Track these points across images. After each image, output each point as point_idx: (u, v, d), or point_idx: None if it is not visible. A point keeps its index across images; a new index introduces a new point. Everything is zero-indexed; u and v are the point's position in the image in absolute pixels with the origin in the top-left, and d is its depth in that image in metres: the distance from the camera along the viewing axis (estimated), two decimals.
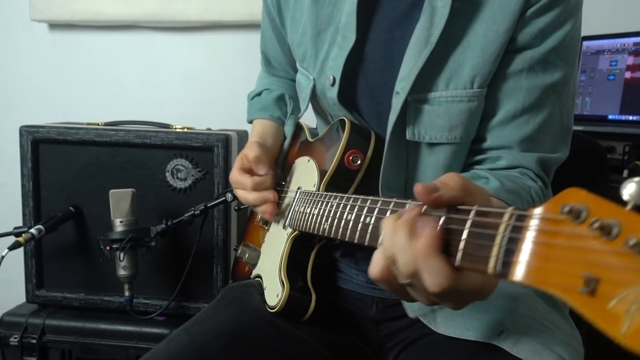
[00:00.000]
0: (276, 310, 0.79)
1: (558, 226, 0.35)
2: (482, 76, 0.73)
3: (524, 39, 0.72)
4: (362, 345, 0.86)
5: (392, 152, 0.77)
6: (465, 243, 0.42)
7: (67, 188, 1.40)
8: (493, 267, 0.39)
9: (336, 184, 0.79)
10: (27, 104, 1.99)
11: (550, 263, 0.34)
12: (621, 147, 1.33)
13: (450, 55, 0.73)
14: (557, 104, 0.75)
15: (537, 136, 0.74)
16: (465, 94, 0.73)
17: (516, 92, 0.74)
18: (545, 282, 0.34)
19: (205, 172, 1.37)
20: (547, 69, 0.73)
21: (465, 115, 0.73)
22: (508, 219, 0.39)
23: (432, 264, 0.44)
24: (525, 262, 0.36)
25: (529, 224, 0.37)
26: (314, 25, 0.84)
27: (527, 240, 0.37)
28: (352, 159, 0.79)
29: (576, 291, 0.32)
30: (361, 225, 0.59)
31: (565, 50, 0.74)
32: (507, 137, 0.75)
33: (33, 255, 1.41)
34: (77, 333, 1.36)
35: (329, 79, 0.82)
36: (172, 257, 1.39)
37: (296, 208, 0.82)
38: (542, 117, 0.74)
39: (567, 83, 0.76)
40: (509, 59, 0.73)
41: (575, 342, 0.71)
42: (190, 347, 0.75)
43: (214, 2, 1.81)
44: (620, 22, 1.48)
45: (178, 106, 1.93)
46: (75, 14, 1.87)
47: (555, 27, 0.72)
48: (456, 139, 0.74)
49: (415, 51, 0.73)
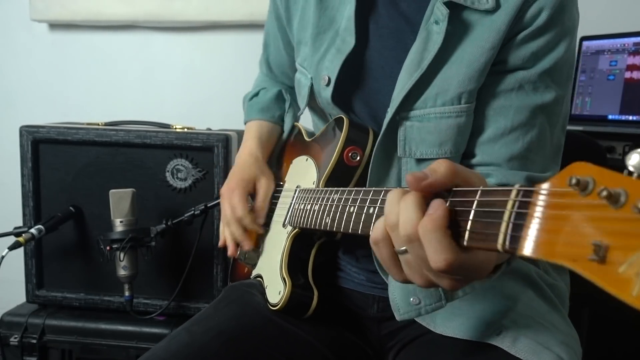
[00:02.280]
0: (278, 308, 0.79)
1: (565, 198, 0.35)
2: (469, 92, 0.73)
3: (515, 62, 0.72)
4: (362, 344, 0.86)
5: (379, 167, 0.78)
6: (473, 222, 0.43)
7: (67, 188, 1.40)
8: (502, 244, 0.39)
9: (336, 180, 0.80)
10: (27, 104, 1.99)
11: (558, 235, 0.35)
12: (621, 147, 1.33)
13: (438, 73, 0.74)
14: (547, 124, 0.75)
15: (527, 155, 0.74)
16: (454, 110, 0.73)
17: (506, 110, 0.73)
18: (554, 253, 0.35)
19: (205, 172, 1.37)
20: (537, 89, 0.73)
21: (454, 130, 0.73)
22: (515, 195, 0.40)
23: (439, 239, 0.44)
24: (534, 236, 0.37)
25: (537, 198, 0.37)
26: (316, 26, 0.85)
27: (535, 215, 0.37)
28: (351, 155, 0.79)
29: (585, 259, 0.32)
30: (364, 216, 0.59)
31: (558, 72, 0.74)
32: (496, 155, 0.74)
33: (33, 255, 1.41)
34: (77, 333, 1.36)
35: (324, 79, 0.83)
36: (172, 257, 1.39)
37: (296, 206, 0.83)
38: (531, 136, 0.74)
39: (559, 104, 0.76)
40: (500, 79, 0.73)
41: (573, 342, 0.71)
42: (190, 346, 0.75)
43: (213, 2, 1.81)
44: (620, 22, 1.48)
45: (178, 106, 1.93)
46: (75, 14, 1.87)
47: (548, 50, 0.72)
48: (446, 154, 0.74)
49: (406, 73, 0.74)
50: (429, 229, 0.45)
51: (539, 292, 0.76)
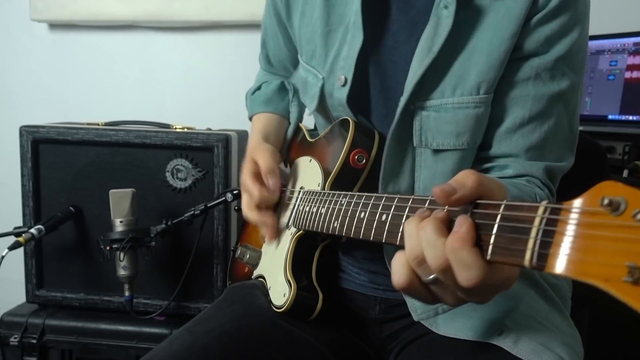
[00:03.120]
0: (283, 310, 0.78)
1: (597, 218, 0.35)
2: (488, 82, 0.72)
3: (530, 46, 0.72)
4: (364, 345, 0.86)
5: (393, 158, 0.76)
6: (496, 237, 0.43)
7: (67, 188, 1.40)
8: (529, 260, 0.39)
9: (341, 183, 0.79)
10: (27, 104, 1.99)
11: (590, 255, 0.35)
12: (621, 147, 1.33)
13: (454, 62, 0.73)
14: (564, 112, 0.75)
15: (544, 144, 0.74)
16: (472, 100, 0.73)
17: (523, 100, 0.73)
18: (586, 273, 0.35)
19: (205, 172, 1.37)
20: (554, 77, 0.72)
21: (472, 121, 0.73)
22: (542, 212, 0.40)
23: (465, 257, 0.44)
24: (565, 255, 0.37)
25: (567, 216, 0.38)
26: (325, 24, 0.83)
27: (566, 233, 0.37)
28: (357, 158, 0.79)
29: (619, 281, 0.32)
30: (377, 223, 0.59)
31: (573, 58, 0.73)
32: (514, 146, 0.74)
33: (33, 255, 1.41)
34: (77, 333, 1.36)
35: (340, 79, 0.81)
36: (172, 257, 1.39)
37: (300, 208, 0.82)
38: (549, 126, 0.73)
39: (575, 91, 0.75)
40: (516, 67, 0.73)
41: (575, 342, 0.71)
42: (192, 347, 0.75)
43: (213, 2, 1.81)
44: (620, 22, 1.48)
45: (178, 106, 1.93)
46: (75, 14, 1.87)
47: (562, 34, 0.71)
48: (463, 145, 0.74)
49: (418, 60, 0.73)
50: (457, 248, 0.44)
51: (541, 292, 0.76)
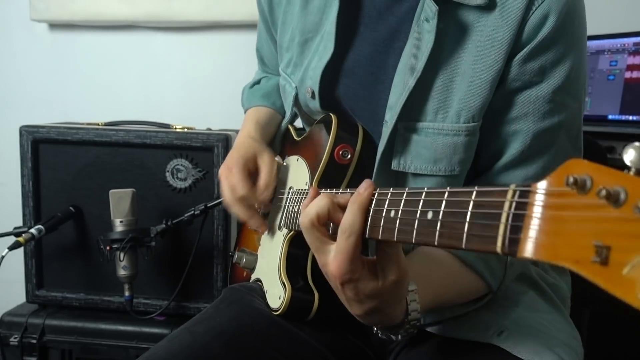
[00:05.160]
0: (280, 312, 0.78)
1: (563, 198, 0.34)
2: (469, 110, 0.69)
3: (524, 78, 0.68)
4: (363, 346, 0.86)
5: (380, 180, 0.75)
6: (469, 225, 0.42)
7: (67, 188, 1.40)
8: (501, 247, 0.38)
9: (328, 179, 0.78)
10: (27, 104, 1.99)
11: (559, 236, 0.34)
12: (621, 147, 1.33)
13: (437, 79, 0.70)
14: (566, 139, 0.71)
15: (544, 172, 0.72)
16: (451, 128, 0.70)
17: (523, 135, 0.70)
18: (556, 255, 0.34)
19: (205, 172, 1.37)
20: (554, 110, 0.68)
21: (449, 149, 0.70)
22: (512, 196, 0.39)
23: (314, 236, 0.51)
24: (534, 238, 0.36)
25: (534, 199, 0.37)
26: (302, 33, 0.82)
27: (533, 216, 0.36)
28: (342, 154, 0.78)
29: (588, 261, 0.31)
30: None
31: (573, 84, 0.69)
32: (513, 177, 0.71)
33: (33, 255, 1.41)
34: (77, 333, 1.36)
35: (308, 91, 0.80)
36: (172, 257, 1.39)
37: (290, 208, 0.81)
38: (550, 154, 0.71)
39: (577, 116, 0.72)
40: (513, 100, 0.69)
41: (575, 342, 0.71)
42: (191, 346, 0.75)
43: (214, 2, 1.81)
44: (620, 22, 1.48)
45: (178, 106, 1.93)
46: (75, 14, 1.87)
47: (556, 63, 0.67)
48: (440, 171, 0.71)
49: (401, 78, 0.71)
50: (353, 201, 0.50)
51: (540, 292, 0.76)
